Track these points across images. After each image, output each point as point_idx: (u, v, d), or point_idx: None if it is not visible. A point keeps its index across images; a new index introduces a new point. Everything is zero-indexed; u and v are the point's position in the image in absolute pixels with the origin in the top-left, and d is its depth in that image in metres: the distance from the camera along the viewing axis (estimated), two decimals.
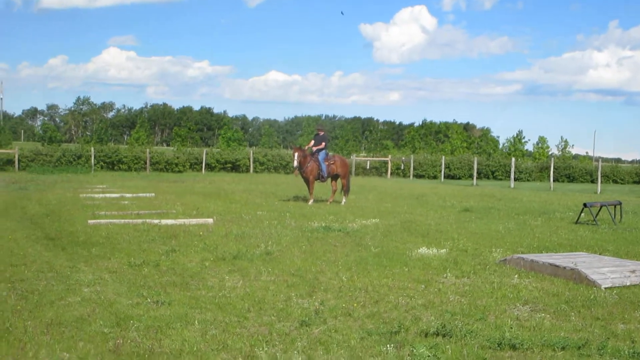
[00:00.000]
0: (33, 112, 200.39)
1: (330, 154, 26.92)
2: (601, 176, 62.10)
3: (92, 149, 50.77)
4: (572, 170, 64.24)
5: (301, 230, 17.13)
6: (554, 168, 61.42)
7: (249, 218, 19.48)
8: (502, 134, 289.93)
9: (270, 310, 8.97)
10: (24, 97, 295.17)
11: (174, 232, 16.16)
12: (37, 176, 41.93)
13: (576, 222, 20.45)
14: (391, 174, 58.90)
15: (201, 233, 16.07)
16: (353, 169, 57.97)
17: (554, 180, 58.35)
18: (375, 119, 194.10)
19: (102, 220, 17.69)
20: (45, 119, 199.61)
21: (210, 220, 18.38)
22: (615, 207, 21.39)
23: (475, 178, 50.75)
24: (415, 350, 7.17)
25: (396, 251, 14.01)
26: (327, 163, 25.72)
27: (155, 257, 12.79)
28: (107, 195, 26.18)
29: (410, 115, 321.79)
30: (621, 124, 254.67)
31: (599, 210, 21.56)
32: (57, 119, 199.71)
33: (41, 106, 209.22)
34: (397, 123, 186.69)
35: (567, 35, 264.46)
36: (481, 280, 11.23)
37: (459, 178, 59.04)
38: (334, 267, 12.08)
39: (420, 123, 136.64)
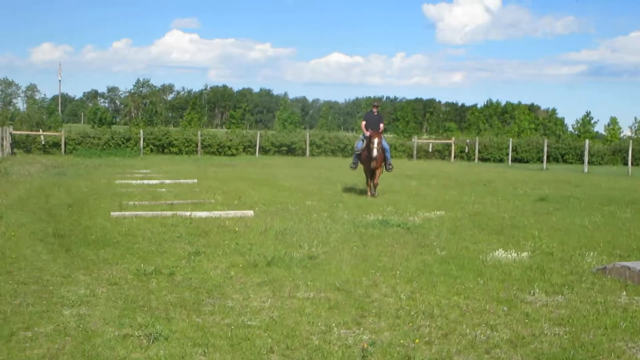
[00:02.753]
0: (94, 95, 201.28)
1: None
2: None
3: (141, 131, 48.78)
4: None
5: (354, 225, 14.73)
6: (627, 151, 58.14)
7: (296, 209, 17.14)
8: (568, 116, 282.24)
9: (301, 349, 6.63)
10: (87, 80, 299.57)
11: (205, 227, 13.93)
12: (82, 160, 40.20)
13: None
14: (455, 157, 55.97)
15: (237, 229, 13.81)
16: (415, 152, 55.29)
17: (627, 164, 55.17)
18: (437, 100, 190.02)
19: (127, 213, 15.56)
20: (106, 101, 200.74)
21: (251, 213, 16.08)
22: None
23: (545, 162, 47.65)
24: None
25: (467, 254, 11.53)
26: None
27: (174, 261, 10.56)
28: (146, 181, 24.11)
29: (473, 97, 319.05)
30: None
31: None
32: (117, 102, 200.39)
33: (102, 89, 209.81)
34: (460, 105, 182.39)
35: (635, 14, 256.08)
36: (579, 299, 8.71)
37: (527, 161, 55.85)
38: (390, 278, 9.67)
39: (484, 104, 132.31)
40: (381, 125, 21.96)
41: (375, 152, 20.55)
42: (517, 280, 9.72)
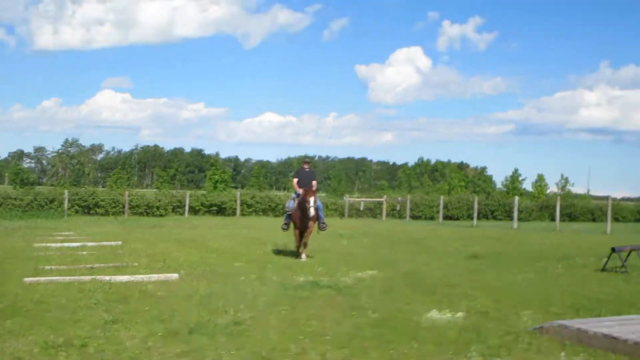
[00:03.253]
0: (19, 155, 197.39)
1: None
2: (603, 214, 59.74)
3: (66, 191, 47.42)
4: (574, 209, 61.44)
5: (283, 287, 14.14)
6: (554, 207, 58.80)
7: (224, 272, 16.49)
8: (497, 173, 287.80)
9: None
10: (14, 139, 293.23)
11: (126, 292, 13.17)
12: (1, 222, 38.76)
13: (602, 270, 17.61)
14: (386, 215, 55.87)
15: (159, 293, 13.12)
16: (346, 211, 55.00)
17: (555, 220, 55.71)
18: (369, 159, 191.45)
19: (42, 278, 14.68)
20: (32, 161, 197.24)
21: (175, 276, 15.38)
22: None
23: (475, 219, 47.78)
24: None
25: (400, 316, 11.05)
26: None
27: (87, 331, 9.80)
28: (67, 244, 23.11)
29: (404, 155, 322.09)
30: (610, 162, 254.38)
31: (628, 255, 18.66)
32: (44, 162, 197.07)
33: (29, 149, 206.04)
34: (392, 163, 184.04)
35: (559, 76, 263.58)
36: None
37: (457, 219, 56.06)
38: (320, 345, 9.11)
39: (416, 162, 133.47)
40: (314, 183, 20.70)
41: (312, 212, 19.45)
42: (453, 342, 9.25)
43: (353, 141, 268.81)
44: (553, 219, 56.69)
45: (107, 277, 14.79)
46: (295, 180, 20.90)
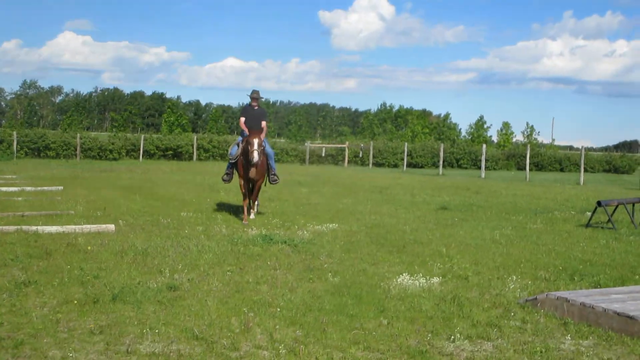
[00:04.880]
0: None
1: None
2: (572, 165, 58.73)
3: (15, 133, 45.11)
4: (541, 158, 60.16)
5: (232, 241, 12.44)
6: (521, 156, 57.65)
7: (167, 223, 14.75)
8: (460, 121, 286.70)
9: None
10: None
11: (51, 246, 11.44)
12: None
13: (587, 225, 16.08)
14: (348, 162, 54.19)
15: (89, 248, 11.37)
16: (307, 157, 53.23)
17: (522, 169, 54.50)
18: (331, 105, 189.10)
19: None
20: None
21: (112, 227, 13.59)
22: (633, 205, 17.08)
23: (441, 167, 46.28)
24: None
25: (365, 281, 9.41)
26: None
27: None
28: (4, 189, 21.18)
29: (366, 103, 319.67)
30: (573, 112, 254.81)
31: (615, 209, 17.22)
32: (2, 103, 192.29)
33: None
34: (354, 110, 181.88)
35: (522, 25, 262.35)
36: (513, 348, 6.70)
37: (422, 167, 54.66)
38: (268, 319, 7.46)
39: (378, 108, 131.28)
40: (263, 123, 16.84)
41: (256, 156, 15.41)
42: (430, 318, 7.64)
43: (315, 87, 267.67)
44: (520, 168, 55.86)
45: (34, 228, 13.02)
46: (242, 119, 17.10)
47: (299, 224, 15.11)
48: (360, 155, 55.28)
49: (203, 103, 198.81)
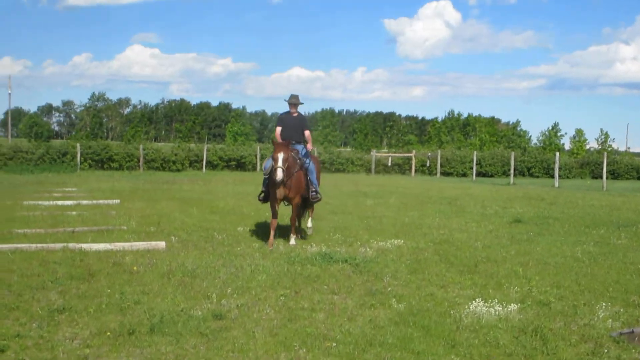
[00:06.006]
0: (48, 109, 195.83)
1: (301, 147, 14.57)
2: None
3: (78, 145, 44.97)
4: (617, 166, 57.75)
5: (289, 260, 11.53)
6: (596, 164, 55.65)
7: (222, 239, 13.93)
8: (529, 129, 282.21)
9: None
10: (46, 94, 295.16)
11: (96, 266, 10.74)
12: (10, 176, 36.41)
13: None
14: (415, 171, 52.95)
15: (135, 268, 10.59)
16: (373, 166, 52.11)
17: (597, 177, 52.53)
18: (397, 113, 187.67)
19: (6, 245, 12.23)
20: (61, 115, 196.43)
21: (163, 244, 12.81)
22: None
23: (512, 176, 44.72)
24: None
25: (434, 308, 8.39)
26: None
27: (20, 325, 7.47)
28: (60, 202, 20.65)
29: (433, 111, 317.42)
30: None
31: None
32: (72, 116, 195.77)
33: (58, 103, 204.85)
34: (420, 118, 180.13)
35: (593, 29, 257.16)
36: None
37: (492, 175, 53.07)
38: (321, 356, 6.51)
39: (446, 115, 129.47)
40: (307, 133, 14.73)
41: (279, 175, 13.02)
42: (509, 355, 6.63)
43: (381, 96, 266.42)
44: (595, 177, 53.93)
45: (82, 245, 12.32)
46: (278, 130, 14.73)
47: (362, 239, 14.14)
48: (428, 165, 54.02)
49: (269, 113, 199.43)
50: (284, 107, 14.96)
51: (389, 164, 53.40)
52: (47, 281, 9.61)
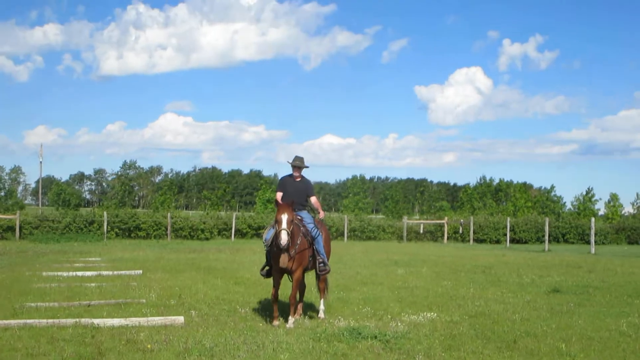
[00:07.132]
0: (80, 177, 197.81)
1: (305, 214, 13.25)
2: None
3: (105, 213, 44.51)
4: None
5: (315, 336, 10.81)
6: (632, 229, 54.43)
7: (245, 312, 13.25)
8: (562, 194, 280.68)
9: None
10: (78, 163, 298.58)
11: (108, 344, 10.12)
12: (35, 245, 35.96)
13: None
14: (448, 238, 51.91)
15: (149, 346, 9.92)
16: (405, 234, 51.20)
17: (633, 243, 51.36)
18: (429, 180, 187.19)
19: (15, 321, 11.64)
20: (93, 183, 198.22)
21: (181, 319, 12.13)
22: None
23: (547, 242, 43.62)
24: None
25: None
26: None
27: None
28: (80, 273, 20.09)
29: (465, 177, 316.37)
30: None
31: None
32: (104, 184, 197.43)
33: (89, 171, 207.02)
34: (452, 184, 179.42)
35: (623, 94, 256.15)
36: None
37: (526, 242, 51.85)
38: None
39: (478, 181, 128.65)
40: (313, 199, 13.58)
41: (284, 238, 11.62)
42: None
43: (413, 162, 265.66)
44: (631, 242, 52.70)
45: (94, 321, 11.67)
46: (279, 195, 13.33)
47: (393, 312, 13.36)
48: (461, 231, 52.97)
49: None
50: (314, 175, 14.28)
51: (421, 231, 52.47)
52: None
